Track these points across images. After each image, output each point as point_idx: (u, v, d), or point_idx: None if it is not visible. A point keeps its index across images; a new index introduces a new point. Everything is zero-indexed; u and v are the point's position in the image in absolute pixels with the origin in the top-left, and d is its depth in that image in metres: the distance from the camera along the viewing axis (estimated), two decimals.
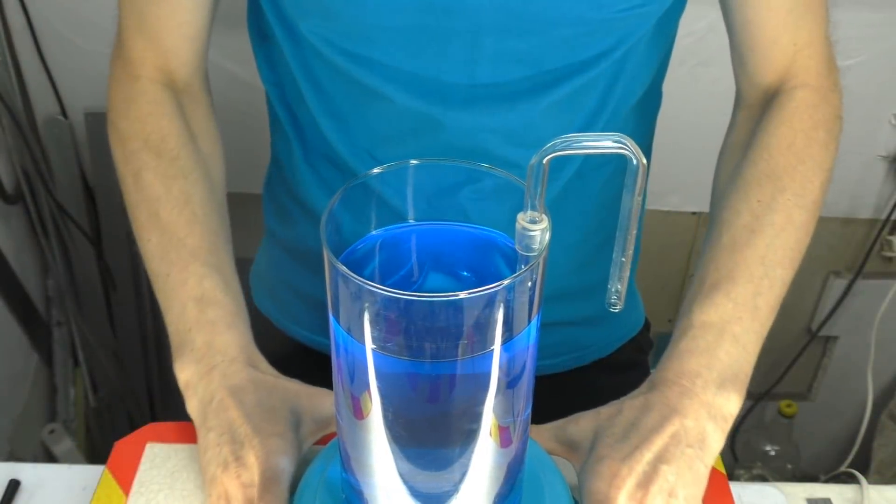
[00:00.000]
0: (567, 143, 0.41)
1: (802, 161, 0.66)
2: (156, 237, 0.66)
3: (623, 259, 0.48)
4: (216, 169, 0.74)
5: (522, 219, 0.43)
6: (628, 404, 0.57)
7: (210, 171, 0.72)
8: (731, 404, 0.57)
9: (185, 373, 0.61)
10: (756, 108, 0.72)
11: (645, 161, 0.43)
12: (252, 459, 0.56)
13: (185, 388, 0.62)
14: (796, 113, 0.68)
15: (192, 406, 0.61)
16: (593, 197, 0.77)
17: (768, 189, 0.65)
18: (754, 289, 0.61)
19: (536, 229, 0.43)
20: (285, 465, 0.56)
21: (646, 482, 0.53)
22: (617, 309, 0.50)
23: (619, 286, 0.49)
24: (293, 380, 0.62)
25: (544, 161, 0.42)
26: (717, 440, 0.56)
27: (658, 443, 0.54)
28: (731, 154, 0.72)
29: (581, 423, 0.58)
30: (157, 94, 0.71)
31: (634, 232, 0.46)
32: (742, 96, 0.74)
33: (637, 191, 0.44)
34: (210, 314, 0.62)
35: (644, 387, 0.59)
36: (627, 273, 0.48)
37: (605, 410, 0.58)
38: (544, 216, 0.43)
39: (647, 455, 0.53)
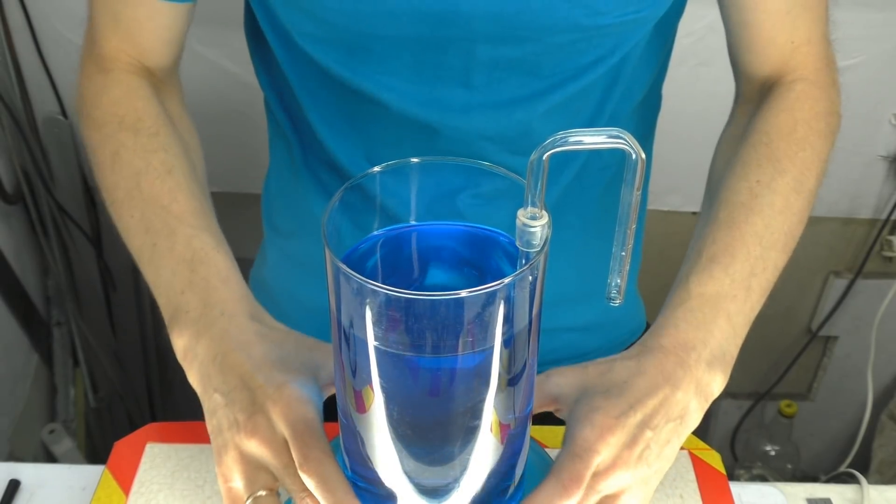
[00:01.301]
0: (567, 138, 0.41)
1: (803, 148, 0.66)
2: (138, 211, 0.62)
3: (622, 253, 0.47)
4: (196, 154, 0.71)
5: (522, 215, 0.43)
6: (620, 364, 0.55)
7: (190, 152, 0.69)
8: (716, 384, 0.56)
9: (181, 339, 0.56)
10: (753, 103, 0.72)
11: (644, 156, 0.42)
12: (272, 411, 0.50)
13: (184, 355, 0.56)
14: (797, 103, 0.68)
15: (193, 373, 0.56)
16: (594, 202, 0.76)
17: (768, 171, 0.64)
18: (750, 268, 0.60)
19: (536, 225, 0.43)
20: (314, 411, 0.51)
21: (631, 444, 0.52)
22: (617, 303, 0.49)
23: (618, 280, 0.48)
24: (305, 335, 0.57)
25: (544, 157, 0.42)
26: (696, 418, 0.55)
27: (650, 406, 0.53)
28: (728, 144, 0.72)
29: (566, 376, 0.55)
30: (131, 81, 0.69)
31: (634, 226, 0.46)
32: (739, 92, 0.74)
33: (636, 185, 0.44)
34: (202, 272, 0.58)
35: (635, 349, 0.57)
36: (627, 267, 0.48)
37: (592, 367, 0.56)
38: (545, 212, 0.43)
39: (639, 416, 0.52)
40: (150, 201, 0.62)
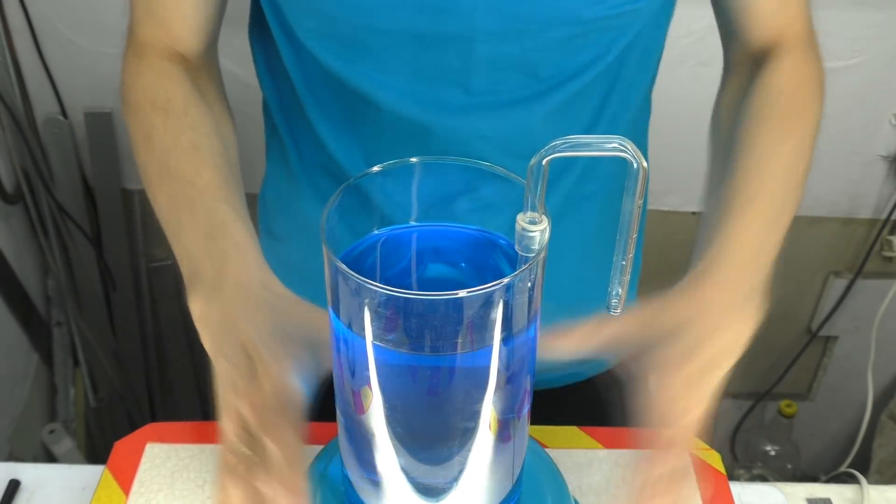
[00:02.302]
0: (567, 144, 0.41)
1: (805, 108, 0.69)
2: (166, 187, 0.65)
3: (623, 263, 0.47)
4: (227, 132, 0.73)
5: (522, 220, 0.43)
6: (670, 307, 0.57)
7: (221, 130, 0.71)
8: (754, 319, 0.58)
9: (197, 305, 0.59)
10: (746, 73, 0.74)
11: (646, 165, 0.42)
12: (265, 381, 0.53)
13: (199, 321, 0.59)
14: (793, 68, 0.71)
15: (206, 338, 0.58)
16: (595, 206, 0.76)
17: (776, 127, 0.67)
18: (778, 209, 0.63)
19: (536, 230, 0.43)
20: (299, 387, 0.53)
21: (690, 388, 0.54)
22: (617, 313, 0.49)
23: (619, 290, 0.48)
24: (313, 305, 0.58)
25: (544, 163, 0.42)
26: (731, 362, 0.57)
27: (705, 353, 0.54)
28: (727, 111, 0.74)
29: (622, 321, 0.56)
30: (163, 65, 0.72)
31: (635, 236, 0.46)
32: (731, 64, 0.76)
33: (637, 195, 0.44)
34: (219, 242, 0.60)
35: (678, 291, 0.58)
36: (628, 277, 0.48)
37: (645, 309, 0.57)
38: (544, 217, 0.43)
39: (698, 362, 0.54)
40: (176, 177, 0.65)
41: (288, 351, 0.54)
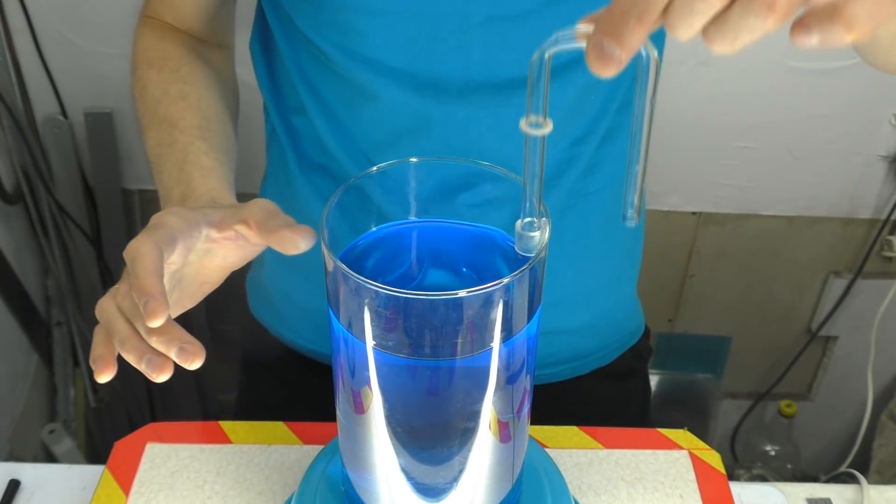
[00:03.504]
0: (570, 34, 0.38)
1: None
2: (155, 132, 0.69)
3: (637, 168, 0.42)
4: (224, 85, 0.77)
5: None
6: None
7: (216, 83, 0.75)
8: None
9: None
10: None
11: (656, 54, 0.38)
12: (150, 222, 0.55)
13: None
14: None
15: None
16: (598, 206, 0.76)
17: None
18: None
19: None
20: (174, 221, 0.54)
21: None
22: (633, 223, 0.44)
23: (634, 198, 0.43)
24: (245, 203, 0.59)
25: (546, 55, 0.39)
26: None
27: None
28: None
29: None
30: (164, 30, 0.77)
31: (648, 137, 0.41)
32: None
33: (649, 90, 0.39)
34: (188, 170, 0.65)
35: None
36: (642, 184, 0.43)
37: None
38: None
39: None
40: (163, 121, 0.70)
41: (177, 208, 0.56)
